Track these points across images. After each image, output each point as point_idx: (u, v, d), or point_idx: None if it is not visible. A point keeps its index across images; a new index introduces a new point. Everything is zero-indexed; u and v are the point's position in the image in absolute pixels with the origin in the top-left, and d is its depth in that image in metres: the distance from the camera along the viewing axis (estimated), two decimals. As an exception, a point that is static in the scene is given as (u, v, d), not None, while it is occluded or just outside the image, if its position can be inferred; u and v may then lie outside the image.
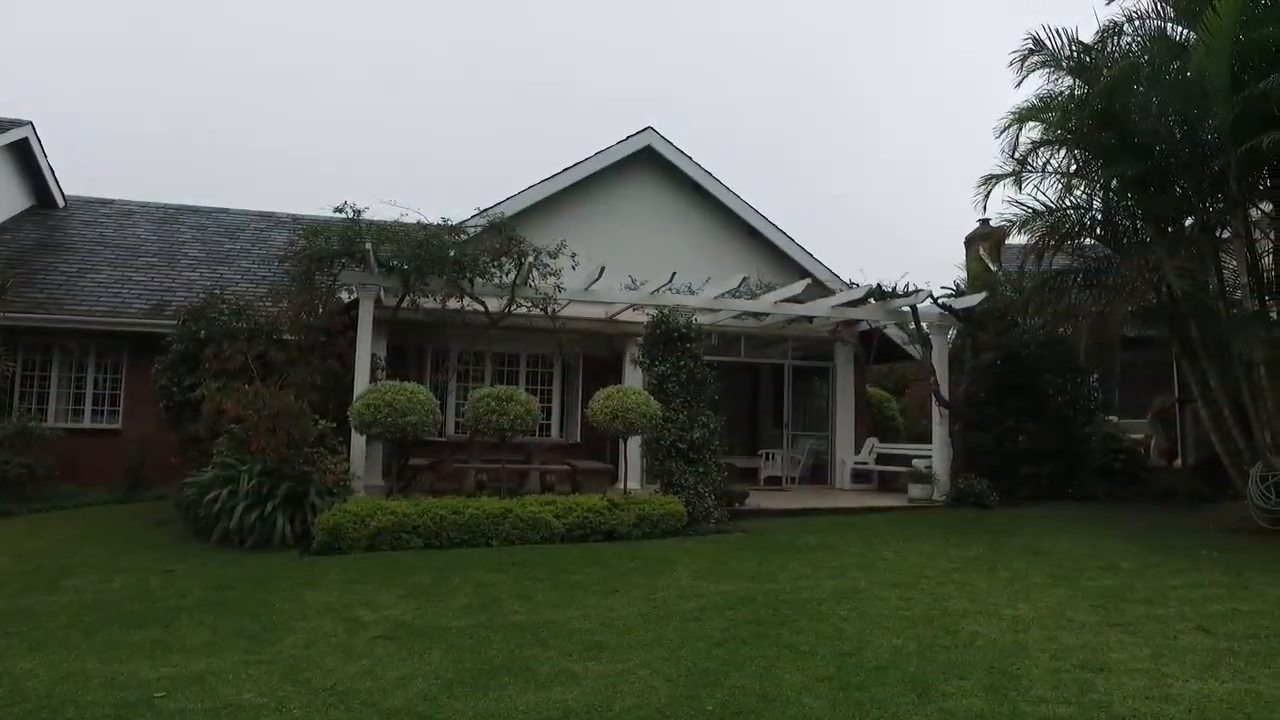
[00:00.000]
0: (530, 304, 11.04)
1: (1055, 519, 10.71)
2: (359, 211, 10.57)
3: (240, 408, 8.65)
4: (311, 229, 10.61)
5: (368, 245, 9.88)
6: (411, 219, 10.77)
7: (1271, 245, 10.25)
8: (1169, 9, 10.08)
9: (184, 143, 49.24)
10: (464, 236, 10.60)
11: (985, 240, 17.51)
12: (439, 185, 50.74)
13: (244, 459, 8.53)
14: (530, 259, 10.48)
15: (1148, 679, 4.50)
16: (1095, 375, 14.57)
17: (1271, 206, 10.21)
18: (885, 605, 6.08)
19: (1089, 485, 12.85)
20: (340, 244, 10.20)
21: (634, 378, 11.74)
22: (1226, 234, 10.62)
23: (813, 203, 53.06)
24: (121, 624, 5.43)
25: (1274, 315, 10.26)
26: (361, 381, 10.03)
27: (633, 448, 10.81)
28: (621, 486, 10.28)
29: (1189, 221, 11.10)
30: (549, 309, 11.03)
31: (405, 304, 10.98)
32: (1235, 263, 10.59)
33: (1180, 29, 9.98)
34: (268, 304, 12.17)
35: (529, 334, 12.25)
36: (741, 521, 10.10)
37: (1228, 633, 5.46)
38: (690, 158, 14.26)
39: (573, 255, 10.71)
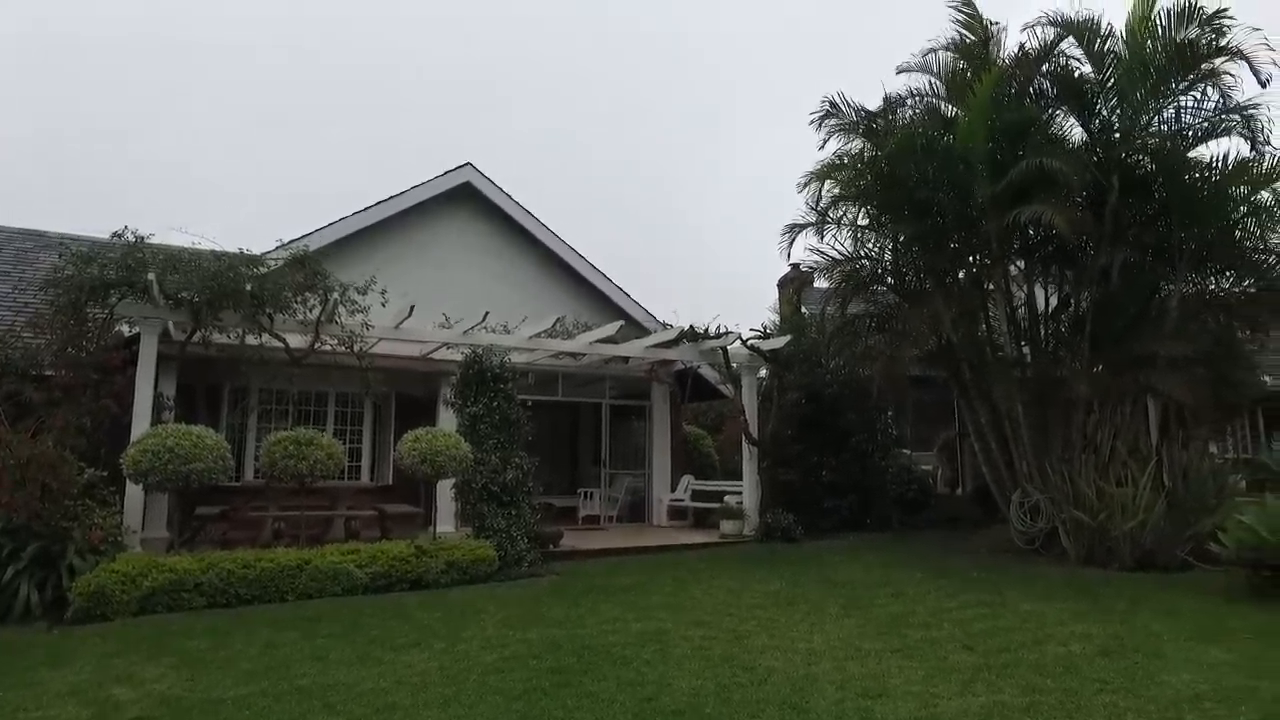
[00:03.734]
0: (337, 341, 10.50)
1: (854, 549, 11.43)
2: (141, 237, 9.71)
3: (-22, 456, 7.57)
4: (82, 255, 9.52)
5: (150, 276, 9.02)
6: (206, 247, 10.02)
7: (1024, 298, 11.62)
8: (942, 89, 11.32)
9: None
10: (265, 269, 9.95)
11: (795, 284, 18.67)
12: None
13: (-18, 517, 7.44)
14: (336, 295, 9.99)
15: (918, 701, 4.86)
16: (890, 412, 15.79)
17: (1024, 264, 11.59)
18: (689, 645, 6.18)
19: (886, 515, 13.82)
20: (118, 272, 9.26)
21: (449, 418, 11.39)
22: (992, 287, 11.95)
23: (638, 240, 54.53)
24: None
25: (1027, 360, 11.59)
26: (141, 424, 9.10)
27: (445, 490, 10.46)
28: (433, 531, 9.89)
29: (962, 275, 12.39)
30: (355, 347, 10.53)
31: (196, 339, 10.15)
32: (998, 312, 11.90)
33: (951, 107, 11.22)
34: (28, 335, 10.80)
35: (337, 372, 11.61)
36: (556, 564, 10.01)
37: (986, 649, 6.04)
38: (510, 196, 14.21)
39: (383, 292, 10.33)
